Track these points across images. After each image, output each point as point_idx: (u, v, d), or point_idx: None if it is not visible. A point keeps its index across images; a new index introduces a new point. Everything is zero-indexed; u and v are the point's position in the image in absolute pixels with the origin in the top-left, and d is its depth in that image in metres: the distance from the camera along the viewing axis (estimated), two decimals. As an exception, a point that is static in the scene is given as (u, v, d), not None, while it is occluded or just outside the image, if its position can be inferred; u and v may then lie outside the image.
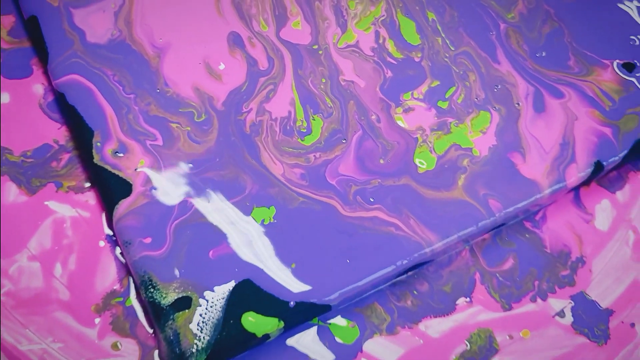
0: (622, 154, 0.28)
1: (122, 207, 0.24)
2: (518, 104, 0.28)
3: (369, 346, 0.25)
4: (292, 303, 0.23)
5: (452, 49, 0.29)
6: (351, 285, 0.24)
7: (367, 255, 0.24)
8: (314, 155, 0.26)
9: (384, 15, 0.29)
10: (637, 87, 0.29)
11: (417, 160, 0.26)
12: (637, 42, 0.30)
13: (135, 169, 0.24)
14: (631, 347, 0.27)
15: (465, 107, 0.28)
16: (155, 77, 0.26)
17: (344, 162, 0.26)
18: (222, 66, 0.27)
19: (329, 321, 0.26)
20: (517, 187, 0.26)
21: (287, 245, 0.24)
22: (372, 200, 0.25)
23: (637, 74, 0.30)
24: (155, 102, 0.26)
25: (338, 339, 0.25)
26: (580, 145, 0.27)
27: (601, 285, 0.28)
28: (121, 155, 0.25)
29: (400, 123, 0.27)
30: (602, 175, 0.30)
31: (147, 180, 0.24)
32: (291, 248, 0.24)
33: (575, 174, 0.27)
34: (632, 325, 0.27)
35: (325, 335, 0.25)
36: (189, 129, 0.25)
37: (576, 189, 0.29)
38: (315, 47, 0.28)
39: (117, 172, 0.24)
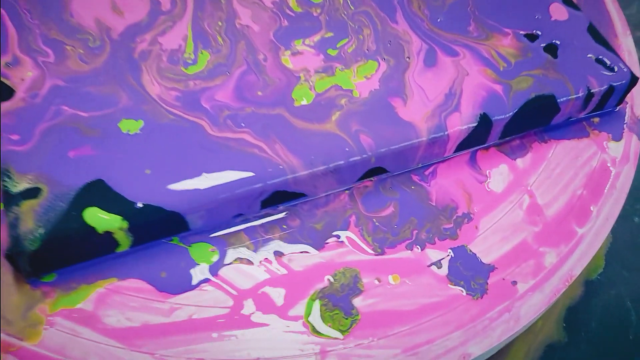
0: (512, 112, 0.28)
1: (2, 107, 0.25)
2: (408, 57, 0.29)
3: (226, 271, 0.25)
4: (139, 204, 0.24)
5: (352, 8, 0.31)
6: (204, 197, 0.24)
7: (226, 171, 0.25)
8: (194, 82, 0.27)
9: (292, -23, 0.32)
10: (537, 54, 0.30)
11: (294, 95, 0.27)
12: (540, 17, 0.31)
13: (22, 79, 0.26)
14: (508, 304, 0.26)
15: (355, 56, 0.29)
16: (63, 9, 0.29)
17: (222, 90, 0.27)
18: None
19: (190, 244, 0.26)
20: (393, 129, 0.27)
21: (147, 154, 0.25)
22: (242, 125, 0.26)
23: (541, 45, 0.30)
24: (57, 29, 0.28)
25: (196, 262, 0.25)
26: (467, 97, 0.28)
27: (486, 242, 0.27)
28: (11, 66, 0.27)
29: (285, 63, 0.28)
30: (503, 142, 0.30)
31: (30, 88, 0.26)
32: (150, 157, 0.25)
33: (458, 123, 0.27)
34: (514, 283, 0.26)
35: (182, 256, 0.26)
36: (81, 51, 0.28)
37: (473, 152, 0.30)
38: (219, -3, 0.30)
39: (4, 80, 0.26)
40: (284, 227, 0.27)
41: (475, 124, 0.28)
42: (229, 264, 0.26)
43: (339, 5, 0.31)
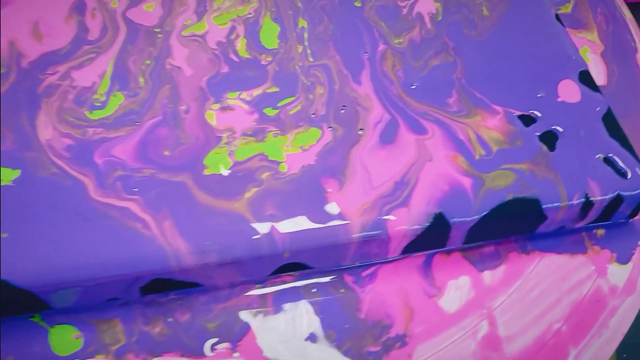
0: (478, 216, 0.22)
1: None
2: (361, 129, 0.24)
3: (85, 367, 0.21)
4: (-20, 276, 0.20)
5: (311, 60, 0.26)
6: (65, 276, 0.20)
7: (97, 247, 0.21)
8: (94, 130, 0.23)
9: (250, 15, 0.27)
10: (529, 142, 0.24)
11: (208, 161, 0.23)
12: (543, 95, 0.25)
13: None
14: None
15: (296, 120, 0.24)
16: (-21, 26, 0.26)
17: (124, 144, 0.23)
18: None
19: (53, 325, 0.22)
20: (317, 219, 0.22)
21: (10, 213, 0.21)
22: (135, 190, 0.22)
23: (536, 133, 0.24)
24: (-37, 48, 0.25)
25: (52, 349, 0.21)
26: (423, 190, 0.23)
27: (417, 379, 0.22)
28: None
29: (208, 119, 0.24)
30: (471, 248, 0.24)
31: None
32: (12, 218, 0.21)
33: (403, 223, 0.22)
34: None
35: (39, 339, 0.21)
36: (-19, 78, 0.24)
37: (430, 254, 0.24)
38: (158, 30, 0.26)
39: None
40: (169, 320, 0.22)
41: (426, 225, 0.22)
42: (90, 358, 0.21)
43: (295, 54, 0.26)
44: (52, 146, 0.23)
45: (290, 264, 0.22)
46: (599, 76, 0.30)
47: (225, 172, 0.23)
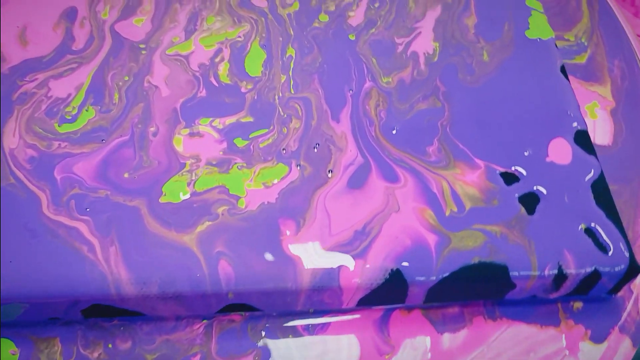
0: (438, 277, 0.21)
1: None
2: (331, 171, 0.23)
3: (16, 385, 0.21)
4: None
5: (292, 92, 0.25)
6: (4, 292, 0.20)
7: (41, 265, 0.20)
8: (60, 144, 0.23)
9: (239, 39, 0.27)
10: (507, 203, 0.23)
11: (166, 188, 0.22)
12: (530, 154, 0.24)
13: None
14: None
15: (265, 153, 0.23)
16: (-32, 27, 0.26)
17: (85, 161, 0.23)
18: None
19: (-6, 338, 0.22)
20: (268, 263, 0.21)
21: (-39, 221, 0.21)
22: (87, 210, 0.22)
23: (517, 194, 0.23)
24: (-52, 48, 0.25)
25: (-12, 362, 0.21)
26: (383, 242, 0.22)
27: None
28: None
29: (175, 144, 0.23)
30: (434, 307, 0.23)
31: None
32: (-37, 226, 0.21)
33: (356, 276, 0.21)
34: None
35: (-23, 351, 0.22)
36: (-41, 80, 0.25)
37: (389, 309, 0.23)
38: (142, 46, 0.26)
39: None
40: (109, 346, 0.22)
41: (381, 282, 0.21)
42: (22, 377, 0.21)
43: (278, 83, 0.25)
44: (15, 156, 0.23)
45: (237, 304, 0.22)
46: (605, 135, 0.28)
47: (181, 201, 0.22)
